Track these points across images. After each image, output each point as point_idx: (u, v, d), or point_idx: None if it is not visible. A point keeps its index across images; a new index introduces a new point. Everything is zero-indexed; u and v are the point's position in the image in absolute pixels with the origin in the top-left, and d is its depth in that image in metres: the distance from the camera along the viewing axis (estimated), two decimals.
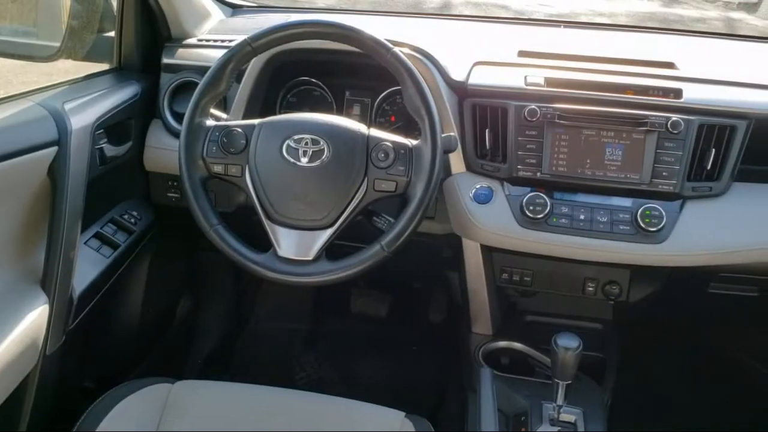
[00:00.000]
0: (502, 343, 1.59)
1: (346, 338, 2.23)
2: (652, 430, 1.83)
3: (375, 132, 1.24)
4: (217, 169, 1.25)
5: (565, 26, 1.91)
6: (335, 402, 1.27)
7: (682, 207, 1.36)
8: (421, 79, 1.21)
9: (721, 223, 1.35)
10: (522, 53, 1.58)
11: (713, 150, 1.35)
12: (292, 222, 1.21)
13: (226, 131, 1.25)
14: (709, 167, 1.36)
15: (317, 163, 1.20)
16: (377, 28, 1.26)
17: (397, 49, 1.23)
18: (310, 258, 1.21)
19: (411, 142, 1.23)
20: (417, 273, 1.94)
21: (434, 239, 1.56)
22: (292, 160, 1.21)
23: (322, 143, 1.21)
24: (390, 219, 1.28)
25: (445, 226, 1.51)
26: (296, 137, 1.22)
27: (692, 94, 1.39)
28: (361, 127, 1.24)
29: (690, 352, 2.07)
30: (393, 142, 1.22)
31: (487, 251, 1.53)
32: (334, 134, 1.22)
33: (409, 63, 1.22)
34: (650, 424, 1.85)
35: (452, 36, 1.80)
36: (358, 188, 1.21)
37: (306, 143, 1.21)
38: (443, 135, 1.23)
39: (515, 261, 1.55)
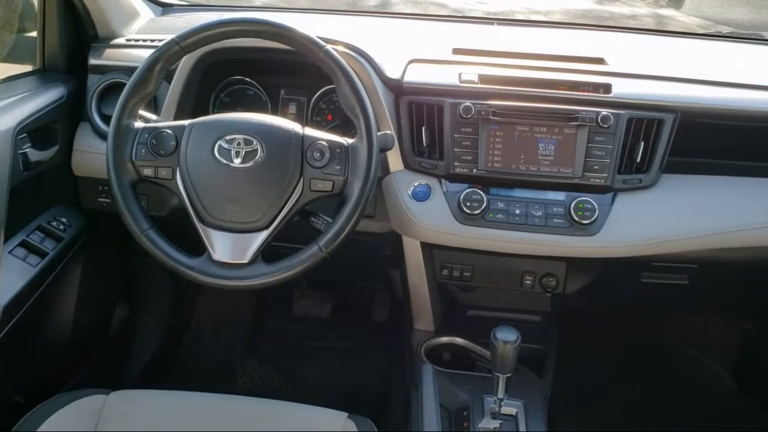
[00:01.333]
0: (444, 339, 1.60)
1: (289, 340, 2.21)
2: (590, 419, 1.88)
3: (310, 131, 1.23)
4: (147, 172, 1.21)
5: (498, 24, 1.94)
6: (276, 406, 1.25)
7: (613, 199, 1.39)
8: (354, 77, 1.21)
9: (651, 214, 1.39)
10: (456, 51, 1.59)
11: (642, 143, 1.39)
12: (226, 225, 1.19)
13: (156, 133, 1.22)
14: (638, 160, 1.39)
15: (250, 163, 1.18)
16: (314, 26, 1.25)
17: (329, 47, 1.22)
18: (246, 261, 1.19)
19: (347, 140, 1.23)
20: (359, 272, 1.93)
21: (374, 238, 1.55)
22: (224, 161, 1.18)
23: (255, 143, 1.19)
24: (328, 219, 1.26)
25: (385, 225, 1.51)
26: (228, 137, 1.19)
27: (621, 88, 1.42)
28: (295, 127, 1.23)
29: (626, 340, 2.13)
30: (328, 141, 1.21)
31: (427, 248, 1.53)
32: (267, 134, 1.20)
33: (342, 61, 1.21)
34: (589, 412, 1.90)
35: (388, 34, 1.80)
36: (294, 189, 1.19)
37: (238, 143, 1.19)
38: (379, 133, 1.23)
39: (455, 257, 1.56)
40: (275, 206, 1.19)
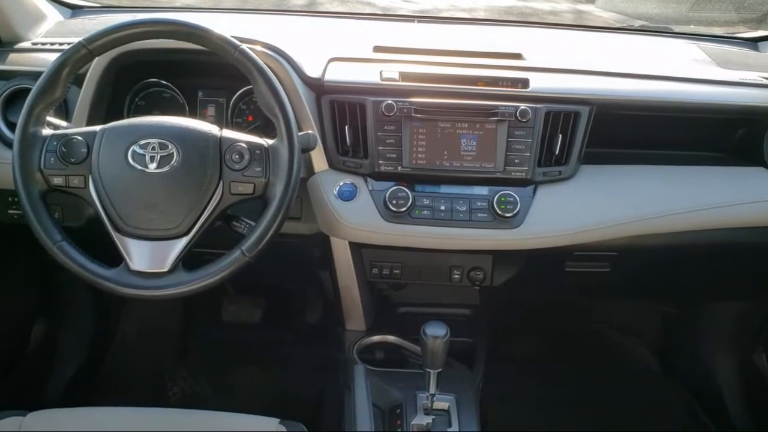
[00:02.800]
0: (376, 338, 1.60)
1: (220, 348, 2.16)
2: (522, 407, 1.91)
3: (228, 133, 1.20)
4: (57, 181, 1.16)
5: (419, 21, 1.94)
6: (206, 416, 1.23)
7: (534, 192, 1.42)
8: (272, 76, 1.19)
9: (571, 205, 1.42)
10: (378, 49, 1.58)
11: (560, 136, 1.42)
12: (143, 233, 1.15)
13: (65, 140, 1.17)
14: (557, 152, 1.42)
15: (166, 168, 1.15)
16: (235, 26, 1.22)
17: (245, 46, 1.20)
18: (166, 269, 1.15)
19: (267, 141, 1.20)
20: (289, 275, 1.91)
21: (302, 240, 1.54)
22: (139, 166, 1.15)
23: (170, 147, 1.16)
24: (250, 223, 1.24)
25: (312, 226, 1.49)
26: (142, 142, 1.16)
27: (538, 83, 1.45)
28: (212, 129, 1.20)
29: (554, 328, 2.18)
30: (248, 143, 1.19)
31: (356, 247, 1.52)
32: (183, 137, 1.17)
33: (259, 60, 1.19)
34: (521, 401, 1.93)
35: (309, 33, 1.78)
36: (213, 192, 1.17)
37: (153, 148, 1.15)
38: (301, 133, 1.22)
39: (384, 255, 1.56)
40: (194, 211, 1.16)
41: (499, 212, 1.38)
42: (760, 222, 1.51)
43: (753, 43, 1.84)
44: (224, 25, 1.20)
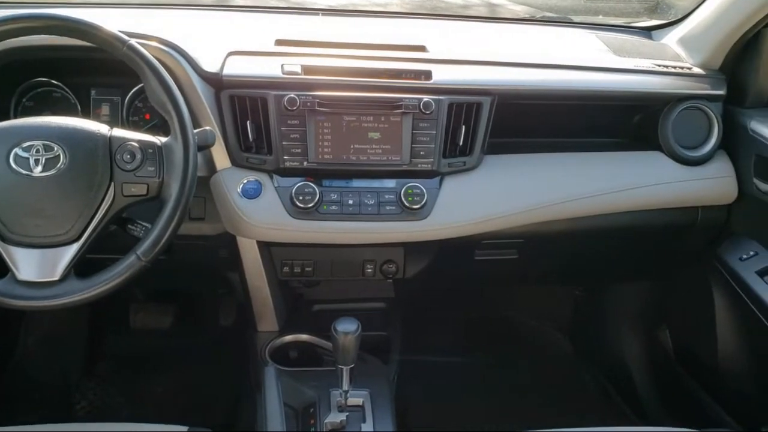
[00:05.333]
0: (288, 338, 1.57)
1: (130, 357, 2.08)
2: (439, 397, 1.93)
3: (118, 132, 1.15)
4: None
5: (324, 14, 1.92)
6: (112, 427, 1.18)
7: (441, 183, 1.43)
8: (163, 72, 1.15)
9: (476, 195, 1.44)
10: (279, 42, 1.55)
11: (463, 127, 1.43)
12: (30, 240, 1.09)
13: None
14: (461, 143, 1.43)
15: (53, 171, 1.09)
16: (131, 21, 1.16)
17: (134, 41, 1.15)
18: (56, 278, 1.09)
19: (160, 139, 1.16)
20: (197, 278, 1.85)
21: (207, 241, 1.49)
22: (22, 171, 1.08)
23: (56, 149, 1.10)
24: (146, 225, 1.19)
25: (217, 226, 1.45)
26: (25, 145, 1.09)
27: (440, 75, 1.45)
28: (101, 128, 1.14)
29: (468, 317, 2.21)
30: (139, 141, 1.14)
31: (265, 246, 1.49)
32: (69, 138, 1.11)
33: (148, 55, 1.15)
34: (438, 392, 1.95)
35: (208, 27, 1.72)
36: (105, 195, 1.12)
37: (37, 150, 1.09)
38: (198, 130, 1.18)
39: (294, 253, 1.53)
40: (85, 216, 1.10)
41: (407, 204, 1.38)
42: (658, 204, 1.57)
43: (647, 32, 1.90)
44: (123, 21, 1.15)
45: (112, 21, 1.22)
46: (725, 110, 1.61)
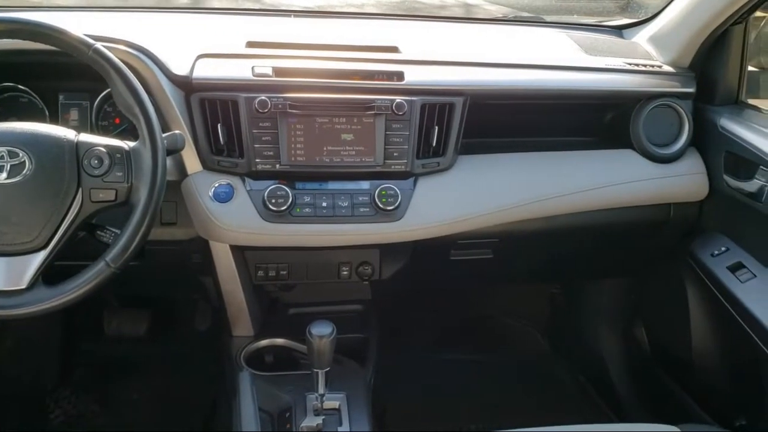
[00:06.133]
0: (264, 342, 1.55)
1: (105, 364, 2.06)
2: (418, 398, 1.92)
3: (86, 137, 1.14)
4: None
5: (296, 16, 1.91)
6: None
7: (415, 184, 1.42)
8: (129, 75, 1.13)
9: (450, 195, 1.44)
10: (250, 44, 1.54)
11: (437, 127, 1.43)
12: None
13: None
14: (434, 144, 1.43)
15: (18, 178, 1.07)
16: (101, 25, 1.14)
17: (100, 45, 1.13)
18: (24, 286, 1.08)
19: (128, 144, 1.14)
20: (172, 283, 1.83)
21: (180, 245, 1.47)
22: None
23: (21, 155, 1.08)
24: (116, 231, 1.17)
25: (189, 231, 1.43)
26: None
27: (413, 76, 1.45)
28: (68, 133, 1.13)
29: (446, 317, 2.21)
30: (107, 146, 1.13)
31: (238, 250, 1.48)
32: (34, 144, 1.09)
33: (115, 58, 1.13)
34: (416, 392, 1.95)
35: (178, 29, 1.70)
36: (72, 201, 1.10)
37: (1, 157, 1.08)
38: (167, 134, 1.17)
39: (269, 256, 1.52)
40: (52, 223, 1.09)
41: (381, 206, 1.38)
42: (630, 202, 1.59)
43: (618, 30, 1.92)
44: (93, 24, 1.12)
45: (81, 24, 1.20)
46: (695, 108, 1.63)
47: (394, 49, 1.58)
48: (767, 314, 1.38)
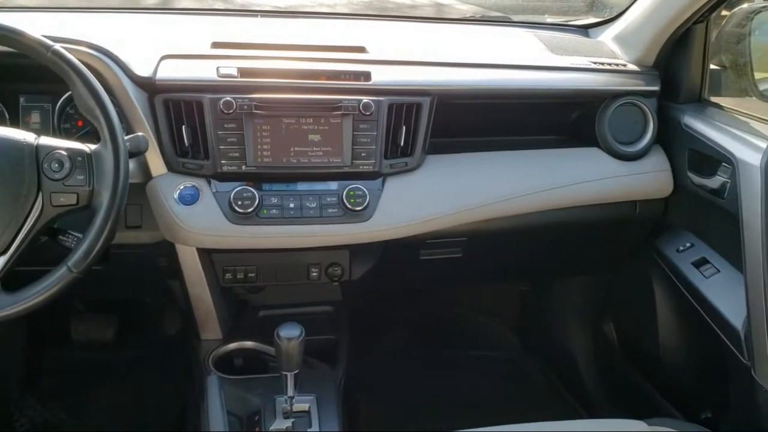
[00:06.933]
0: (233, 345, 1.54)
1: (72, 370, 2.02)
2: (390, 398, 1.92)
3: (46, 140, 1.11)
4: None
5: (263, 16, 1.89)
6: None
7: (383, 184, 1.42)
8: (89, 76, 1.11)
9: (419, 195, 1.44)
10: (216, 44, 1.52)
11: (404, 127, 1.43)
12: None
13: None
14: (402, 144, 1.43)
15: None
16: (60, 25, 1.12)
17: (59, 46, 1.11)
18: None
19: (89, 147, 1.12)
20: (139, 287, 1.81)
21: (146, 249, 1.45)
22: None
23: None
24: (78, 235, 1.15)
25: (155, 234, 1.41)
26: None
27: (380, 76, 1.45)
28: (27, 136, 1.10)
29: (417, 316, 2.21)
30: (68, 149, 1.10)
31: (205, 253, 1.46)
32: None
33: (75, 60, 1.11)
34: (386, 393, 1.94)
35: (142, 30, 1.68)
36: (32, 206, 1.08)
37: None
38: (130, 136, 1.15)
39: (236, 259, 1.51)
40: (12, 227, 1.06)
41: (349, 206, 1.37)
42: (597, 199, 1.60)
43: (584, 30, 1.93)
44: (55, 25, 1.10)
45: (42, 25, 1.18)
46: (660, 106, 1.65)
47: (361, 49, 1.57)
48: (730, 309, 1.41)
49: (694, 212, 1.61)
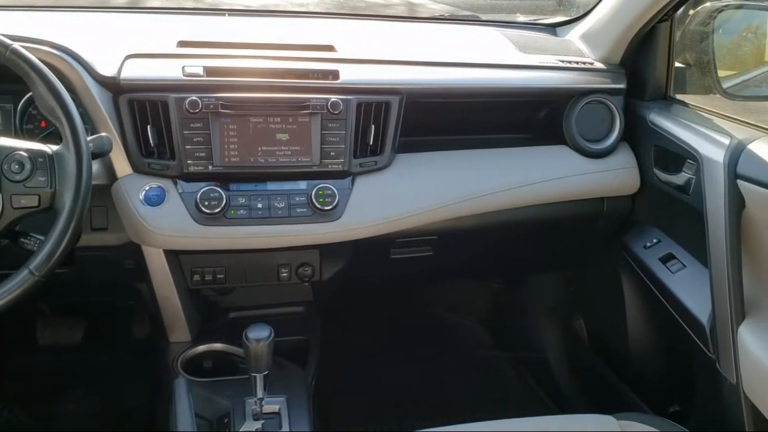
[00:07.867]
0: (201, 348, 1.52)
1: (39, 375, 1.98)
2: (362, 397, 1.92)
3: (5, 141, 1.10)
4: None
5: (230, 15, 1.87)
6: None
7: (353, 183, 1.42)
8: (50, 76, 1.09)
9: (388, 194, 1.44)
10: (182, 43, 1.50)
11: (373, 126, 1.42)
12: None
13: None
14: (371, 143, 1.43)
15: None
16: (22, 24, 1.10)
17: (18, 45, 1.09)
18: None
19: (51, 148, 1.10)
20: (106, 290, 1.78)
21: (112, 251, 1.43)
22: None
23: None
24: (41, 238, 1.13)
25: (121, 236, 1.40)
26: None
27: (348, 75, 1.44)
28: None
29: (390, 315, 2.21)
30: (28, 150, 1.08)
31: (172, 255, 1.45)
32: None
33: (34, 59, 1.09)
34: (358, 392, 1.94)
35: (107, 29, 1.65)
36: None
37: None
38: (93, 136, 1.13)
39: (204, 260, 1.49)
40: None
41: (318, 206, 1.37)
42: (565, 196, 1.61)
43: (552, 28, 1.95)
44: (18, 24, 1.07)
45: (2, 24, 1.15)
46: (626, 103, 1.66)
47: (329, 48, 1.57)
48: (696, 304, 1.43)
49: (661, 208, 1.63)
